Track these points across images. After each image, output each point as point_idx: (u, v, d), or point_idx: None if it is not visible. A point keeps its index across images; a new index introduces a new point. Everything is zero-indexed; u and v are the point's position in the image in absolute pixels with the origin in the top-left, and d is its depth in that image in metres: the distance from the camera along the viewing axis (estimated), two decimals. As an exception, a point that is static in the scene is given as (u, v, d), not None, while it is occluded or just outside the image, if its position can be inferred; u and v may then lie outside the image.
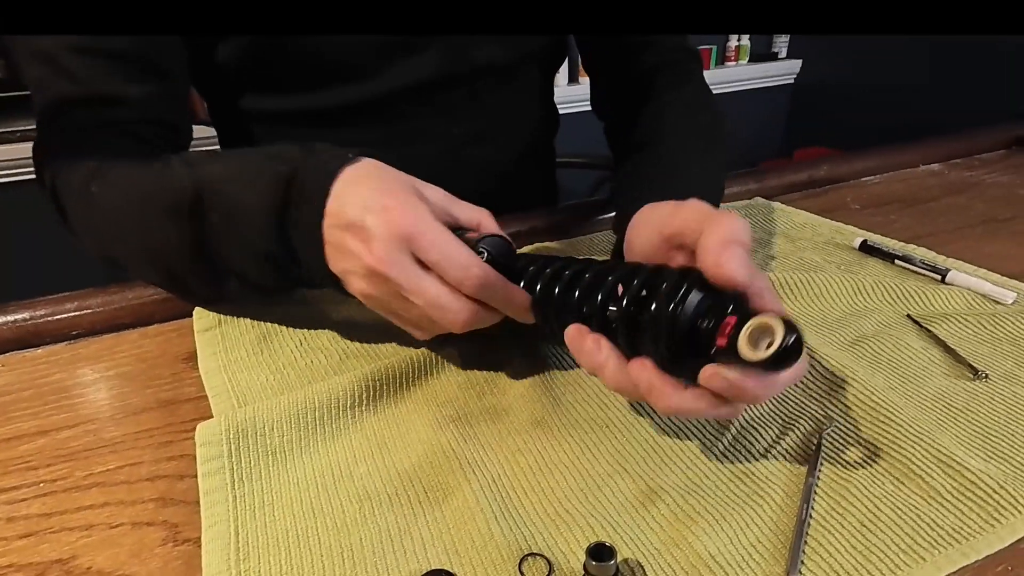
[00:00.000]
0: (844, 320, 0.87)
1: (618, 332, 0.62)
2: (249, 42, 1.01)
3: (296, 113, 1.11)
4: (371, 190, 0.68)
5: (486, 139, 1.23)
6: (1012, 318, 0.84)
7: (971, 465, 0.61)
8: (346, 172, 0.70)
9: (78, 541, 0.61)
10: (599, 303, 0.63)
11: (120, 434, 0.74)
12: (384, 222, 0.65)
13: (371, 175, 0.70)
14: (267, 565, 0.57)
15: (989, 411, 0.69)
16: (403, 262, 0.66)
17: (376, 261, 0.65)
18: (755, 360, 0.51)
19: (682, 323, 0.57)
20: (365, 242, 0.66)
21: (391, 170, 0.71)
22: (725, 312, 0.56)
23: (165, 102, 0.96)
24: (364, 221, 0.66)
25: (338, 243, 0.69)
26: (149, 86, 0.92)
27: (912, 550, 0.54)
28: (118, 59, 0.89)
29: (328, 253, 0.71)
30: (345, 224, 0.68)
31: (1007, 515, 0.56)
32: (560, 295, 0.67)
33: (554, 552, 0.56)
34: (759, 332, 0.52)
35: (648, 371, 0.58)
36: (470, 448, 0.69)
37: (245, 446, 0.68)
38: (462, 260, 0.66)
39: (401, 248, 0.66)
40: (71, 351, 0.91)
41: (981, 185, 1.40)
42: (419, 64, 1.09)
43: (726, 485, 0.62)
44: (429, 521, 0.60)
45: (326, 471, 0.66)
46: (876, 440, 0.66)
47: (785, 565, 0.54)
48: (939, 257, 1.03)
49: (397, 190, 0.68)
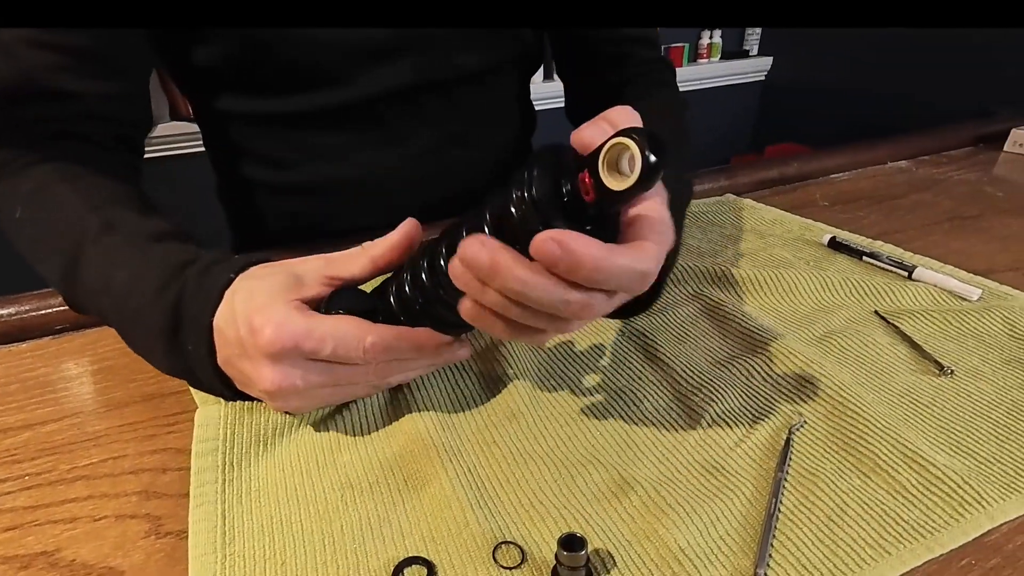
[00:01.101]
0: (813, 316, 0.87)
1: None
2: (226, 46, 1.00)
3: (275, 116, 1.10)
4: (242, 311, 0.64)
5: (464, 141, 1.23)
6: (977, 314, 0.85)
7: (936, 460, 0.61)
8: (224, 298, 0.67)
9: (63, 534, 0.61)
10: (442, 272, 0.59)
11: (104, 428, 0.74)
12: (258, 348, 0.62)
13: (239, 292, 0.66)
14: (251, 550, 0.57)
15: (954, 407, 0.70)
16: (293, 373, 0.63)
17: (270, 385, 0.62)
18: (628, 186, 0.48)
19: (543, 202, 0.51)
20: (255, 370, 0.63)
21: (263, 276, 0.67)
22: (575, 172, 0.52)
23: (120, 101, 0.95)
24: (245, 356, 0.64)
25: (236, 376, 0.67)
26: (104, 83, 0.91)
27: (878, 544, 0.55)
28: (75, 54, 0.86)
29: (234, 381, 0.69)
30: (226, 360, 0.66)
31: (971, 510, 0.57)
32: (431, 279, 0.62)
33: (527, 541, 0.57)
34: (617, 158, 0.50)
35: (488, 245, 0.53)
36: (448, 438, 0.69)
37: (239, 432, 0.69)
38: (352, 334, 0.62)
39: (290, 361, 0.62)
40: (56, 345, 0.91)
41: (948, 182, 1.41)
42: (396, 71, 1.08)
43: (696, 479, 0.63)
44: (407, 509, 0.61)
45: (310, 459, 0.67)
46: (844, 435, 0.66)
47: (753, 558, 0.54)
48: (906, 254, 1.04)
49: (263, 304, 0.63)
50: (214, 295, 0.67)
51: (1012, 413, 0.69)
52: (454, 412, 0.73)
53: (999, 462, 0.62)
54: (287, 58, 1.02)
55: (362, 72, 1.06)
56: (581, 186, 0.51)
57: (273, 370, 0.62)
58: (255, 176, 1.19)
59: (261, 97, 1.08)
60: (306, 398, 0.66)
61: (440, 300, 0.62)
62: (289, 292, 0.65)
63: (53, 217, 0.81)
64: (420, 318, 0.65)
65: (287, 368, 0.62)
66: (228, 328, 0.64)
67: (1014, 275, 0.98)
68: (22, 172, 0.85)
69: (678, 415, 0.71)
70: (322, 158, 1.15)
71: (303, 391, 0.64)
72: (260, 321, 0.61)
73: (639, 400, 0.74)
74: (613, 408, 0.73)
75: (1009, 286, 0.93)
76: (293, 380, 0.62)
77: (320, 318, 0.63)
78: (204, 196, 1.58)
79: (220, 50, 1.00)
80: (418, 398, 0.75)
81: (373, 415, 0.73)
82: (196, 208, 2.05)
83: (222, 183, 1.30)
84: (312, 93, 1.07)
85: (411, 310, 0.65)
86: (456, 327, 0.66)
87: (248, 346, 0.62)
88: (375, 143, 1.15)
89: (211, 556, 0.57)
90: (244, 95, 1.08)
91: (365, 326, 0.62)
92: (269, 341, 0.60)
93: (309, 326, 0.61)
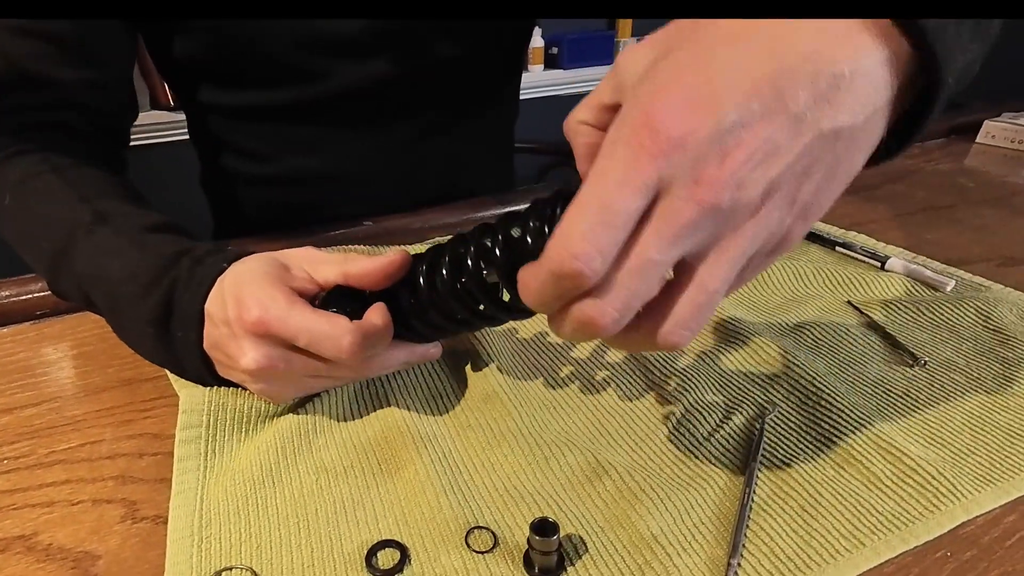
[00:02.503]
0: (786, 306, 0.87)
1: (503, 288, 0.57)
2: (204, 40, 1.01)
3: (255, 109, 1.11)
4: (231, 292, 0.64)
5: (441, 133, 1.23)
6: (950, 305, 0.84)
7: (911, 451, 0.60)
8: (215, 284, 0.67)
9: (40, 517, 0.60)
10: (472, 269, 0.59)
11: (82, 412, 0.74)
12: (242, 325, 0.62)
13: (229, 276, 0.67)
14: (227, 532, 0.57)
15: (928, 398, 0.69)
16: (276, 354, 0.63)
17: (252, 363, 0.62)
18: None
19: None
20: (239, 348, 0.63)
21: (252, 262, 0.67)
22: None
23: (103, 90, 0.96)
24: (231, 336, 0.64)
25: (220, 359, 0.67)
26: (84, 72, 0.92)
27: (852, 535, 0.54)
28: (58, 43, 0.88)
29: (218, 365, 0.69)
30: (214, 343, 0.67)
31: (946, 501, 0.56)
32: (430, 291, 0.63)
33: (500, 526, 0.56)
34: None
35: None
36: (424, 424, 0.68)
37: (223, 419, 0.68)
38: (328, 332, 0.61)
39: (271, 343, 0.63)
40: (35, 330, 0.91)
41: (921, 173, 1.40)
42: (373, 66, 1.08)
43: (670, 467, 0.62)
44: (382, 493, 0.61)
45: (287, 442, 0.66)
46: (818, 426, 0.65)
47: (727, 548, 0.53)
48: (879, 244, 1.03)
49: (251, 286, 0.63)
50: (207, 283, 0.67)
51: (986, 405, 0.68)
52: (430, 398, 0.73)
53: (974, 454, 0.62)
54: (263, 53, 1.02)
55: (339, 67, 1.07)
56: None
57: (256, 349, 0.62)
58: (236, 166, 1.20)
59: (240, 90, 1.09)
60: (287, 383, 0.67)
61: (460, 295, 0.61)
62: (277, 278, 0.64)
63: (42, 207, 0.81)
64: (438, 307, 0.64)
65: (270, 349, 0.62)
66: (218, 310, 0.65)
67: (987, 266, 0.97)
68: (8, 161, 0.86)
69: (652, 405, 0.70)
70: (301, 150, 1.16)
71: (284, 375, 0.64)
72: (247, 300, 0.61)
73: (613, 389, 0.73)
74: (587, 396, 0.72)
75: (982, 277, 0.92)
76: (275, 362, 0.62)
77: (301, 309, 0.62)
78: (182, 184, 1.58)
79: (198, 44, 1.02)
80: (395, 385, 0.74)
81: (350, 400, 0.72)
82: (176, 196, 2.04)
83: (205, 172, 1.31)
84: (290, 87, 1.08)
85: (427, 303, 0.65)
86: (427, 338, 0.70)
87: (234, 324, 0.62)
88: (353, 136, 1.16)
89: (188, 539, 0.56)
90: (223, 88, 1.10)
91: (344, 325, 0.61)
92: (254, 320, 0.61)
93: (288, 313, 0.61)
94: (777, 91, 0.38)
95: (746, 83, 0.38)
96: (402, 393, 0.73)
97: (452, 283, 0.61)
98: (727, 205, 0.39)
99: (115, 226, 0.76)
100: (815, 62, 0.38)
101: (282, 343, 0.63)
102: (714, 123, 0.38)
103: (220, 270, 0.68)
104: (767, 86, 0.38)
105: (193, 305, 0.67)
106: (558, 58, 4.38)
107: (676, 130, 0.38)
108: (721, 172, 0.38)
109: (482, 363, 0.78)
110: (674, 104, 0.39)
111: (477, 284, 0.59)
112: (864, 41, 0.39)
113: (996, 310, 0.82)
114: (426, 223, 1.13)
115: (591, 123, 0.50)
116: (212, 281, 0.67)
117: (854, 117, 0.40)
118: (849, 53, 0.39)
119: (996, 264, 0.98)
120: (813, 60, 0.38)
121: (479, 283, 0.59)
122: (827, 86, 0.39)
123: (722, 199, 0.39)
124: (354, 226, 1.10)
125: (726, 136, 0.38)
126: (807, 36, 0.39)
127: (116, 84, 0.99)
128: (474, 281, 0.59)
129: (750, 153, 0.39)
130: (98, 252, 0.74)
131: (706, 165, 0.39)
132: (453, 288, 0.61)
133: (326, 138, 1.15)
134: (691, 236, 0.40)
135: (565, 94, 4.43)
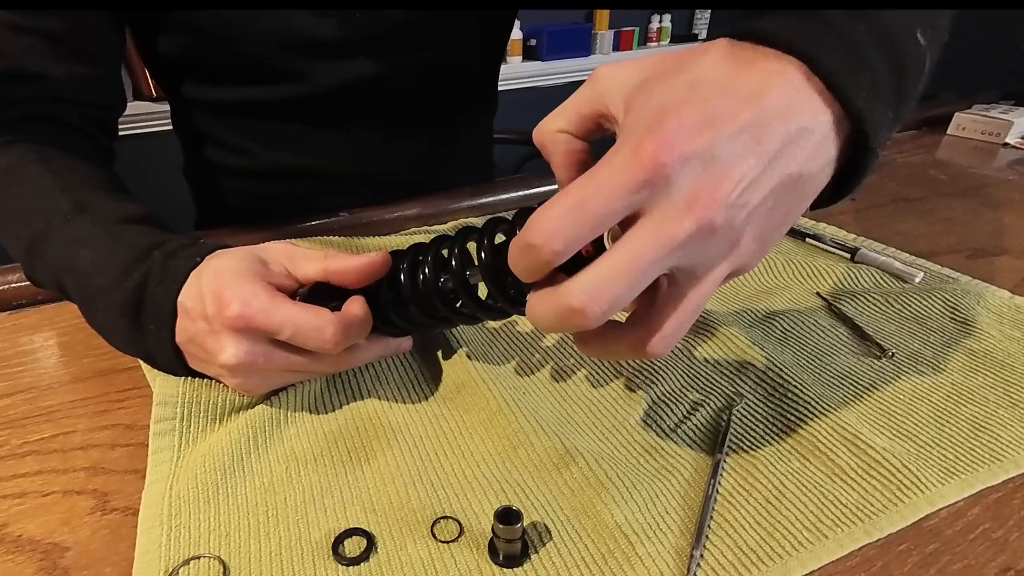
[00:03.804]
0: (755, 297, 0.86)
1: (489, 291, 0.59)
2: (185, 37, 1.03)
3: (235, 105, 1.13)
4: (210, 287, 0.63)
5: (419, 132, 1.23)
6: (919, 297, 0.84)
7: (876, 443, 0.60)
8: (191, 278, 0.66)
9: (11, 508, 0.60)
10: (456, 269, 0.61)
11: (56, 403, 0.73)
12: (222, 320, 0.61)
13: (207, 271, 0.66)
14: (196, 521, 0.57)
15: (895, 390, 0.69)
16: (257, 350, 0.63)
17: (233, 359, 0.62)
18: None
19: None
20: (218, 344, 0.63)
21: (230, 257, 0.67)
22: None
23: (90, 84, 0.96)
24: (210, 331, 0.63)
25: (196, 354, 0.67)
26: (74, 67, 0.92)
27: (816, 527, 0.53)
28: (47, 37, 0.88)
29: (192, 359, 0.68)
30: (190, 338, 0.66)
31: (910, 494, 0.56)
32: (412, 289, 0.64)
33: (467, 514, 0.57)
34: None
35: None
36: (394, 413, 0.69)
37: (196, 411, 0.68)
38: (312, 324, 0.62)
39: (252, 338, 0.63)
40: (12, 320, 0.90)
41: (893, 165, 1.41)
42: (350, 67, 1.09)
43: (636, 458, 0.62)
44: (350, 481, 0.61)
45: (257, 431, 0.65)
46: (784, 417, 0.65)
47: (691, 538, 0.53)
48: (849, 236, 1.03)
49: (231, 281, 0.63)
50: (179, 278, 0.66)
51: (952, 397, 0.68)
52: (401, 387, 0.73)
53: (938, 446, 0.61)
54: (243, 53, 1.04)
55: (318, 66, 1.08)
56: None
57: (237, 345, 0.62)
58: (218, 158, 1.21)
59: (222, 86, 1.11)
60: (265, 377, 0.67)
61: (443, 294, 0.63)
62: (256, 273, 0.64)
63: (24, 195, 0.81)
64: (419, 303, 0.65)
65: (251, 344, 0.62)
66: (195, 305, 0.64)
67: (956, 257, 0.97)
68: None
69: (619, 395, 0.70)
70: (282, 145, 1.18)
71: (263, 369, 0.64)
72: (228, 296, 0.61)
73: (583, 378, 0.73)
74: (557, 385, 0.72)
75: (951, 268, 0.92)
76: (255, 357, 0.62)
77: (283, 303, 0.62)
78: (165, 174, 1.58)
79: (182, 41, 1.04)
80: (367, 375, 0.74)
81: (321, 390, 0.72)
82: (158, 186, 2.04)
83: (188, 162, 1.32)
84: (271, 85, 1.09)
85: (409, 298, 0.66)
86: (405, 332, 0.72)
87: (214, 320, 0.62)
88: (333, 131, 1.17)
89: (157, 529, 0.56)
90: (206, 84, 1.12)
91: (327, 316, 0.62)
92: (235, 316, 0.60)
93: (271, 307, 0.61)
94: (757, 135, 0.43)
95: (735, 125, 0.43)
96: (374, 383, 0.73)
97: (435, 281, 0.62)
98: (720, 224, 0.43)
99: (92, 216, 0.76)
100: (787, 116, 0.44)
101: (263, 338, 0.63)
102: (712, 151, 0.42)
103: (194, 264, 0.67)
104: (750, 130, 0.43)
105: (166, 299, 0.66)
106: (537, 50, 4.41)
107: (681, 148, 0.42)
108: (716, 193, 0.42)
109: (453, 353, 0.77)
110: (679, 126, 0.42)
111: (460, 284, 0.60)
112: (820, 105, 0.45)
113: (963, 302, 0.82)
114: (402, 214, 1.13)
115: (570, 131, 0.53)
116: (186, 275, 0.66)
117: (812, 166, 0.46)
118: (811, 112, 0.45)
119: (965, 256, 0.98)
120: (785, 114, 0.44)
121: (462, 283, 0.60)
122: (794, 137, 0.44)
123: (717, 218, 0.42)
124: (331, 217, 1.10)
125: (719, 164, 0.42)
126: (781, 95, 0.44)
127: (105, 78, 1.00)
128: (457, 281, 0.60)
129: (736, 182, 0.43)
130: (73, 242, 0.74)
131: (702, 186, 0.42)
132: (435, 287, 0.62)
133: (307, 134, 1.16)
134: (683, 250, 0.43)
135: (544, 86, 4.45)
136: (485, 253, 0.56)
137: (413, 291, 0.64)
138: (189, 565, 0.53)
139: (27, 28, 0.86)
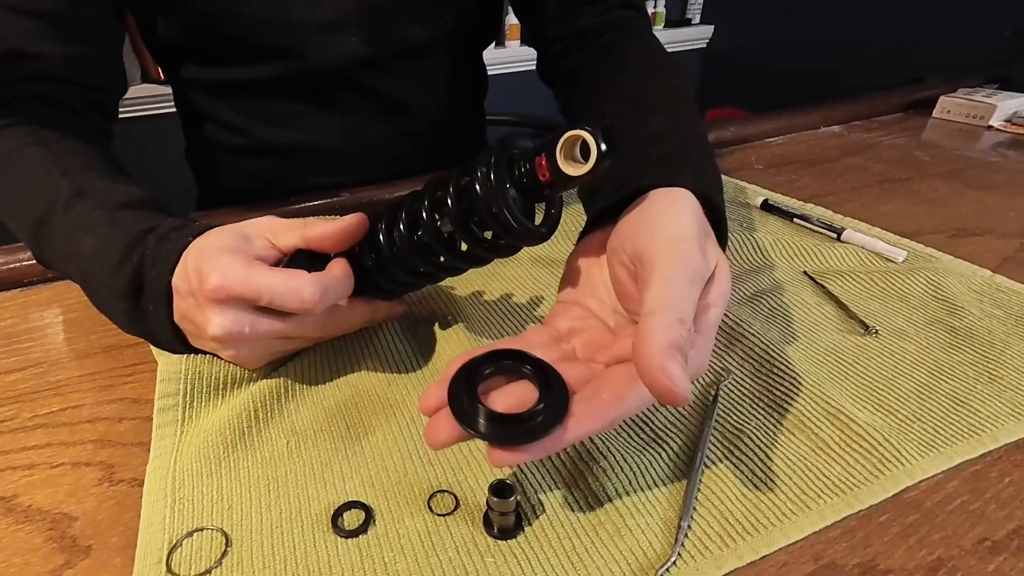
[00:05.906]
0: (743, 276, 0.86)
1: (458, 236, 0.62)
2: (180, 20, 1.03)
3: (232, 84, 1.13)
4: (192, 265, 0.63)
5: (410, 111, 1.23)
6: (903, 275, 0.84)
7: (858, 418, 0.60)
8: (179, 264, 0.66)
9: (20, 480, 0.61)
10: (428, 221, 0.63)
11: (65, 377, 0.74)
12: (204, 293, 0.62)
13: (191, 250, 0.66)
14: (200, 494, 0.58)
15: (878, 366, 0.69)
16: (241, 319, 0.63)
17: (219, 330, 0.62)
18: (583, 172, 0.53)
19: (502, 178, 0.57)
20: (203, 317, 0.63)
21: (213, 234, 0.67)
22: (532, 156, 0.57)
23: (90, 65, 0.96)
24: (196, 306, 0.63)
25: (189, 330, 0.67)
26: (73, 48, 0.92)
27: (799, 499, 0.54)
28: (46, 20, 0.88)
29: (189, 336, 0.68)
30: (182, 316, 0.66)
31: (891, 467, 0.56)
32: (390, 248, 0.65)
33: (462, 488, 0.57)
34: (571, 147, 0.54)
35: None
36: (392, 388, 0.69)
37: (199, 387, 0.68)
38: (289, 285, 0.62)
39: (235, 308, 0.63)
40: (23, 297, 0.91)
41: (879, 147, 1.40)
42: (342, 46, 1.09)
43: (626, 432, 0.62)
44: (349, 456, 0.62)
45: (259, 406, 0.66)
46: (770, 392, 0.65)
47: (678, 510, 0.53)
48: (836, 216, 1.03)
49: (211, 256, 0.63)
50: (172, 259, 0.66)
51: (933, 373, 0.68)
52: (400, 363, 0.73)
53: (919, 420, 0.62)
54: (233, 34, 1.04)
55: (313, 46, 1.07)
56: (538, 168, 0.56)
57: (221, 316, 0.62)
58: (217, 138, 1.21)
59: (219, 67, 1.11)
60: (255, 347, 0.67)
61: (420, 248, 0.65)
62: (237, 248, 0.64)
63: (25, 179, 0.81)
64: (399, 261, 0.66)
65: (234, 314, 0.62)
66: (182, 283, 0.64)
67: (939, 237, 0.97)
68: None
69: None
70: (279, 123, 1.18)
71: (250, 339, 0.64)
72: (207, 269, 0.61)
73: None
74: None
75: (934, 248, 0.93)
76: (240, 327, 0.62)
77: (260, 269, 0.62)
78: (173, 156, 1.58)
79: (176, 23, 1.03)
80: (367, 352, 0.74)
81: (321, 366, 0.72)
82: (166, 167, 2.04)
83: (189, 144, 1.32)
84: (266, 65, 1.09)
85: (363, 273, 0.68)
86: (393, 293, 0.74)
87: (198, 295, 0.62)
88: (329, 111, 1.17)
89: (161, 501, 0.57)
90: (203, 64, 1.12)
91: (303, 277, 0.62)
92: (213, 288, 0.61)
93: (247, 275, 0.61)
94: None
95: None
96: (373, 359, 0.73)
97: (410, 237, 0.63)
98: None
99: (92, 201, 0.76)
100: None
101: (245, 306, 0.63)
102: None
103: (185, 244, 0.67)
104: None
105: (161, 281, 0.66)
106: (535, 34, 4.36)
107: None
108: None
109: (450, 327, 0.78)
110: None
111: (434, 235, 0.62)
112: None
113: (946, 281, 0.82)
114: (402, 193, 1.12)
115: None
116: (178, 256, 0.66)
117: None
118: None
119: (948, 236, 0.98)
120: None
121: (436, 234, 0.62)
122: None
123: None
124: (331, 197, 1.10)
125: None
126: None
127: (105, 60, 0.99)
128: (430, 233, 0.62)
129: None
130: (74, 227, 0.74)
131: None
132: (412, 241, 0.63)
133: (304, 113, 1.16)
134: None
135: (540, 69, 4.42)
136: (451, 199, 0.59)
137: (391, 249, 0.65)
138: (192, 536, 0.53)
139: (26, 10, 0.86)
